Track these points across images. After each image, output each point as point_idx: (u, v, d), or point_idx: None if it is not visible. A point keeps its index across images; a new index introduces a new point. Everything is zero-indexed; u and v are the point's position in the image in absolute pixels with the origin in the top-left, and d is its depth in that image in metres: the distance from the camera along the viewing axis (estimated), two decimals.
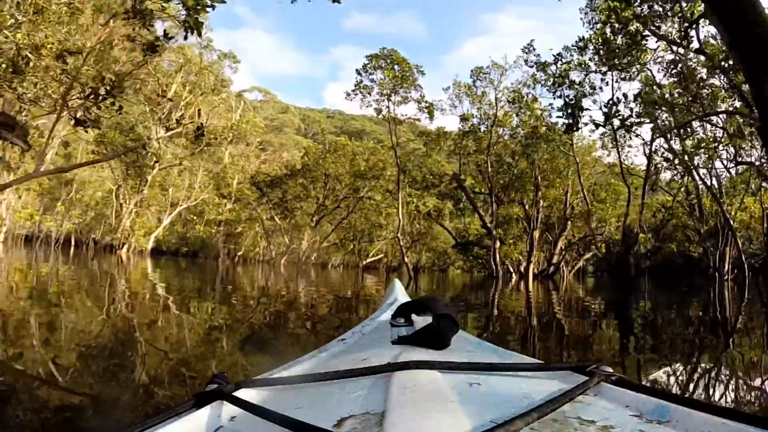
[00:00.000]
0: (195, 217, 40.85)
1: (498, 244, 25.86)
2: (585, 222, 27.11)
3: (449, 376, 0.91)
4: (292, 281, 14.44)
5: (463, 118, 27.61)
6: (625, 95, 21.83)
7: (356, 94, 23.84)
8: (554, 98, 23.22)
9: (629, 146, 30.49)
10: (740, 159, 22.83)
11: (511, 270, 29.19)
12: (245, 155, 39.40)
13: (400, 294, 2.19)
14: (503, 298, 11.62)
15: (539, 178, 27.02)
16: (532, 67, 23.78)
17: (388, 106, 23.54)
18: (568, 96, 21.69)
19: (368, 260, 42.19)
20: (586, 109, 19.97)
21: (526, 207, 27.88)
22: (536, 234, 26.63)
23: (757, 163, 21.72)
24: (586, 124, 18.90)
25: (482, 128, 27.69)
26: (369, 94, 23.67)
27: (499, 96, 26.89)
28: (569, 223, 28.91)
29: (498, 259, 25.85)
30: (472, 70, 27.04)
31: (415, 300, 1.66)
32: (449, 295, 12.00)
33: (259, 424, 0.74)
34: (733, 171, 26.55)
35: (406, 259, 25.33)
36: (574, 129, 17.02)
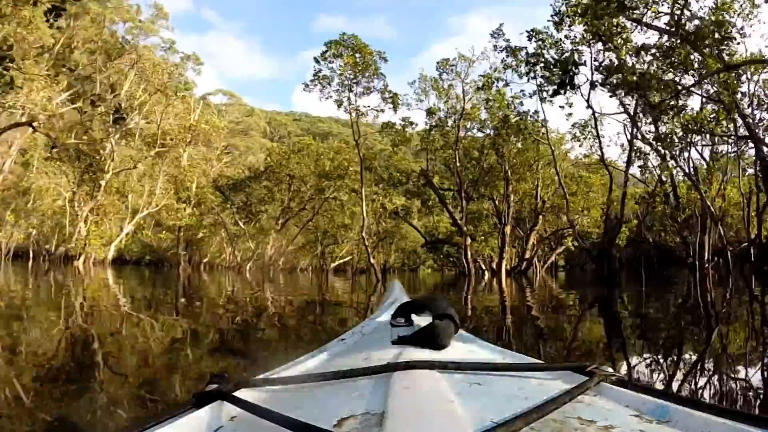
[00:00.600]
0: (154, 225, 38.68)
1: (469, 240, 25.03)
2: (557, 216, 26.19)
3: (449, 376, 0.93)
4: (252, 288, 14.11)
5: (430, 113, 26.97)
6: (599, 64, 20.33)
7: (315, 85, 22.14)
8: (528, 80, 22.42)
9: (602, 135, 29.16)
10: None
11: (483, 267, 28.28)
12: (207, 158, 37.41)
13: (400, 294, 2.22)
14: (477, 297, 11.28)
15: (509, 171, 26.60)
16: (501, 52, 23.24)
17: (348, 97, 22.01)
18: (544, 76, 21.13)
19: (337, 262, 40.73)
20: (581, 65, 19.46)
21: (496, 202, 26.87)
22: (508, 229, 25.95)
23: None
24: (572, 87, 17.47)
25: (449, 122, 27.23)
26: (329, 84, 21.96)
27: (467, 89, 26.40)
28: (541, 217, 28.62)
29: (469, 256, 25.08)
30: (438, 62, 26.48)
31: (415, 300, 1.68)
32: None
33: (259, 424, 0.75)
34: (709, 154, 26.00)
35: (372, 260, 23.98)
36: (565, 89, 15.94)
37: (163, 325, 5.56)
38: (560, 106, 19.01)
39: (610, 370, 0.92)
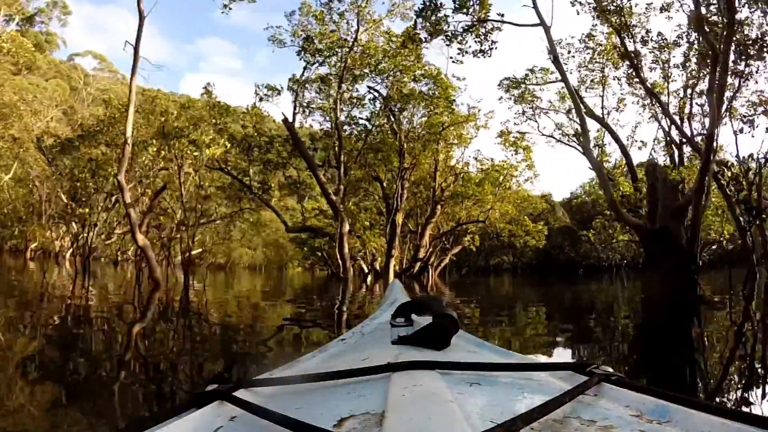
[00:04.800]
0: None
1: (346, 227, 17.66)
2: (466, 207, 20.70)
3: (449, 376, 0.96)
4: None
5: (307, 41, 21.79)
6: None
7: None
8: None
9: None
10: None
11: (365, 267, 21.00)
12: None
13: (400, 294, 2.17)
14: (354, 308, 9.15)
15: (405, 144, 22.27)
16: None
17: None
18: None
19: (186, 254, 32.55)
20: None
21: (384, 184, 20.10)
22: (399, 218, 19.59)
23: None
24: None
25: (333, 59, 22.37)
26: None
27: (362, 21, 21.78)
28: (439, 207, 24.70)
29: (346, 250, 17.58)
30: None
31: (415, 300, 1.72)
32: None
33: (259, 424, 0.77)
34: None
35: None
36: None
37: None
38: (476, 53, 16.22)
39: (610, 370, 0.94)
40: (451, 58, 18.06)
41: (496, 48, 17.02)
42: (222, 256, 47.99)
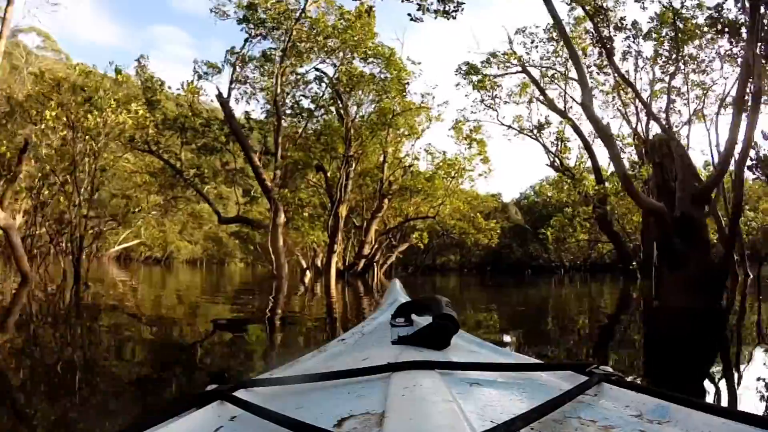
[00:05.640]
0: None
1: (281, 218, 15.86)
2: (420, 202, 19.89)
3: (449, 376, 0.96)
4: None
5: (248, 12, 19.48)
6: None
7: None
8: None
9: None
10: None
11: (304, 264, 19.15)
12: None
13: (400, 294, 2.14)
14: (290, 311, 8.31)
15: (352, 130, 20.50)
16: None
17: None
18: None
19: (117, 248, 30.39)
20: None
21: (328, 174, 18.44)
22: (343, 210, 17.74)
23: None
24: None
25: (278, 34, 20.08)
26: None
27: None
28: (386, 201, 23.10)
29: (280, 244, 15.73)
30: None
31: (415, 300, 1.72)
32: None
33: (259, 424, 0.77)
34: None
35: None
36: None
37: None
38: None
39: (610, 370, 0.95)
40: (409, 15, 16.38)
41: (462, 11, 15.30)
42: (158, 249, 45.06)
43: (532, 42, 22.82)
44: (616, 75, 20.25)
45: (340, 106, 21.54)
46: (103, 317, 7.25)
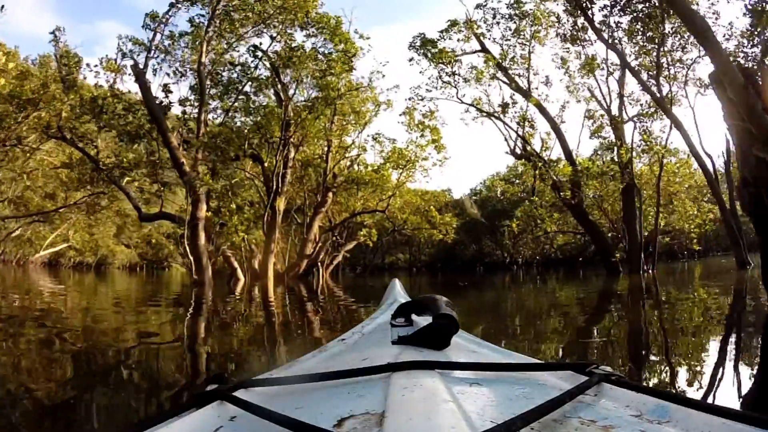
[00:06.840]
0: None
1: (202, 210, 13.56)
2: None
3: (449, 376, 0.98)
4: None
5: None
6: None
7: None
8: None
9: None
10: None
11: (235, 265, 16.74)
12: None
13: (400, 294, 2.09)
14: (213, 324, 6.79)
15: (291, 112, 18.38)
16: None
17: None
18: None
19: (45, 252, 32.15)
20: None
21: (265, 164, 16.24)
22: (281, 203, 15.28)
23: None
24: None
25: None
26: None
27: None
28: (330, 195, 21.01)
29: (202, 242, 13.42)
30: None
31: (415, 300, 1.66)
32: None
33: (259, 424, 0.77)
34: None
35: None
36: None
37: None
38: None
39: (610, 369, 0.95)
40: None
41: None
42: (90, 254, 41.15)
43: (494, 17, 21.40)
44: (597, 40, 19.00)
45: (278, 86, 19.64)
46: None
